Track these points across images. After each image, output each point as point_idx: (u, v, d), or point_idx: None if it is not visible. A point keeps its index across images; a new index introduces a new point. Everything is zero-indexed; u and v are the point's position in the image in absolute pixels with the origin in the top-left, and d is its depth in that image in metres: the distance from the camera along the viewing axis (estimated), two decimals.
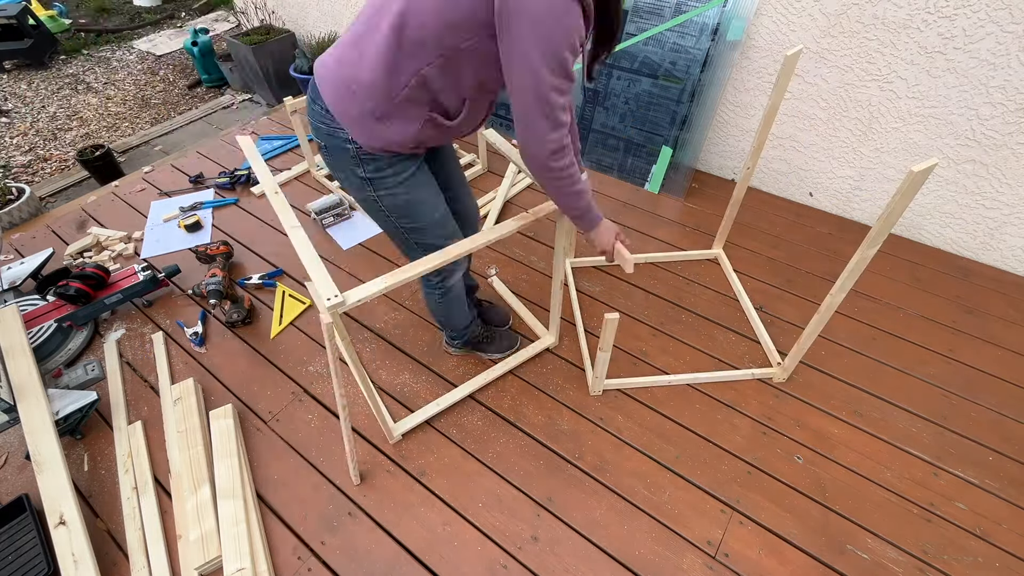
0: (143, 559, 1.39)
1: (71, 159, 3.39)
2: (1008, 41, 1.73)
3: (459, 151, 2.81)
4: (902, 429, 1.63)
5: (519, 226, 1.31)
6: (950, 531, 1.42)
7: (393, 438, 1.60)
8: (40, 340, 1.84)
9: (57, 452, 1.45)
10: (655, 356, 1.84)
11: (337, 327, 1.15)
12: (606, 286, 2.10)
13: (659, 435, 1.63)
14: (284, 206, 1.27)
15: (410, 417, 1.65)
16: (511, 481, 1.54)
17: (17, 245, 2.42)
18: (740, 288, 2.03)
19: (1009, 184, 1.97)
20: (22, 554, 1.39)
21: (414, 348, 1.90)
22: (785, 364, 1.70)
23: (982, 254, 2.17)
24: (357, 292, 1.12)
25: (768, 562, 1.37)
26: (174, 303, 2.10)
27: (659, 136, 2.46)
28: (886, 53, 1.95)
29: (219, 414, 1.66)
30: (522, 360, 1.80)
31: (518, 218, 1.33)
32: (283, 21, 3.95)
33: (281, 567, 1.39)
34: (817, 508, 1.47)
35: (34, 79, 4.32)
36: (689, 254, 2.19)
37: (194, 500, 1.46)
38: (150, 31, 5.18)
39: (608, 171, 2.67)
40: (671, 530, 1.43)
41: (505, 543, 1.41)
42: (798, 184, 2.46)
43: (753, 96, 2.33)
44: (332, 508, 1.49)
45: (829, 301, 1.42)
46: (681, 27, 2.24)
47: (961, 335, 1.90)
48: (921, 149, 2.07)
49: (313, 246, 1.17)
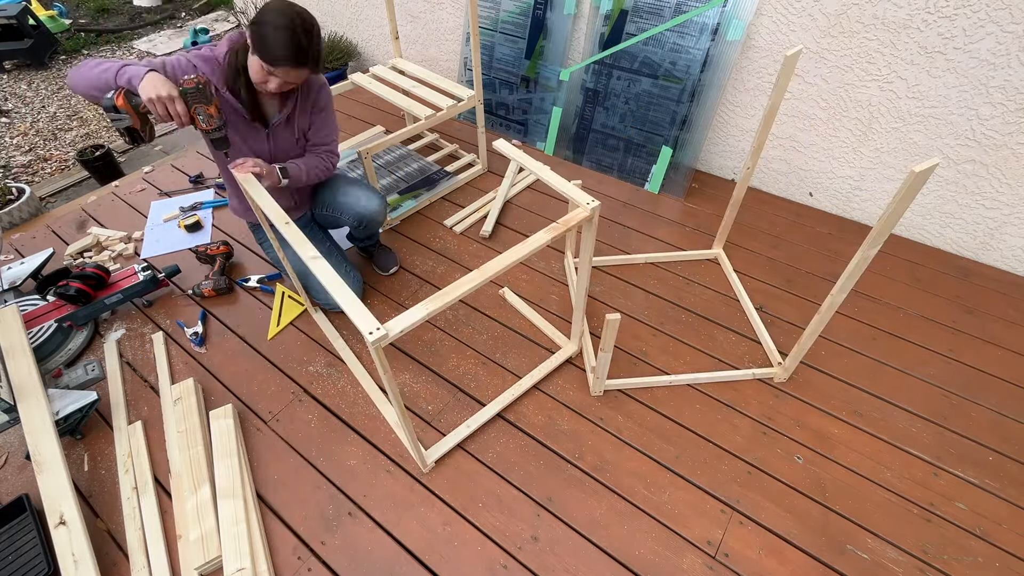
0: (143, 559, 1.39)
1: (71, 159, 3.39)
2: (1008, 41, 1.73)
3: (459, 151, 2.82)
4: (902, 429, 1.63)
5: (550, 238, 1.26)
6: (950, 531, 1.42)
7: (427, 466, 1.55)
8: (40, 340, 1.84)
9: (57, 452, 1.45)
10: (655, 356, 1.84)
11: (379, 360, 1.09)
12: (606, 286, 2.10)
13: (659, 435, 1.63)
14: (299, 237, 1.23)
15: (443, 441, 1.60)
16: (511, 481, 1.54)
17: (17, 245, 2.42)
18: (740, 288, 2.03)
19: (1009, 184, 1.97)
20: (22, 554, 1.39)
21: (415, 348, 1.90)
22: (786, 364, 1.70)
23: (982, 254, 2.17)
24: (399, 322, 1.07)
25: (768, 562, 1.37)
26: (174, 303, 2.10)
27: (659, 136, 2.46)
28: (886, 53, 1.95)
29: (219, 414, 1.66)
30: (546, 373, 1.77)
31: (549, 230, 1.27)
32: None
33: (281, 567, 1.39)
34: (817, 508, 1.47)
35: (34, 79, 4.32)
36: (689, 254, 2.20)
37: (194, 500, 1.46)
38: (150, 31, 5.18)
39: (608, 171, 2.67)
40: (671, 530, 1.43)
41: (505, 543, 1.41)
42: (798, 184, 2.46)
43: (753, 96, 2.33)
44: (332, 508, 1.49)
45: (830, 301, 1.42)
46: (681, 27, 2.24)
47: (961, 335, 1.90)
48: (921, 149, 2.07)
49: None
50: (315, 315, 1.99)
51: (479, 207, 2.48)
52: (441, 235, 2.34)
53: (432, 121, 2.27)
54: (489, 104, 2.97)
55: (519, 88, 2.83)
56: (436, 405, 1.72)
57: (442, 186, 2.57)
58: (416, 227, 2.40)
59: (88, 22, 5.34)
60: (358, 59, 3.75)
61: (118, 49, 4.83)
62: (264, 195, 1.36)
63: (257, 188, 1.39)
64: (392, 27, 2.57)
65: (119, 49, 4.83)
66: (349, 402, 1.74)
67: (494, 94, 2.93)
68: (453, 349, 1.89)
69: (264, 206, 1.33)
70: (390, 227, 2.40)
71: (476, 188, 2.60)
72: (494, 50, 2.82)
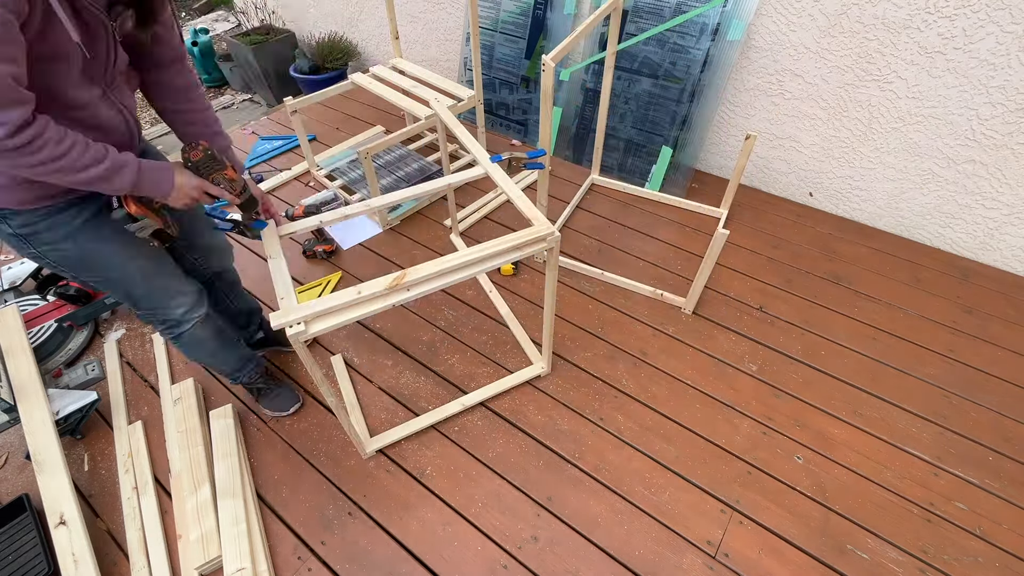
0: (143, 559, 1.39)
1: None
2: (1008, 41, 1.73)
3: (459, 151, 2.82)
4: (902, 429, 1.63)
5: (494, 266, 1.28)
6: (950, 531, 1.42)
7: (366, 453, 1.57)
8: (40, 340, 1.84)
9: (57, 452, 1.45)
10: (656, 356, 1.84)
11: (302, 355, 1.16)
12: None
13: (659, 435, 1.63)
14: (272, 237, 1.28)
15: (386, 433, 1.62)
16: (511, 481, 1.54)
17: None
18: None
19: (1009, 184, 1.96)
20: (22, 554, 1.39)
21: (415, 349, 1.90)
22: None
23: (982, 254, 2.17)
24: (321, 323, 1.13)
25: (768, 562, 1.37)
26: None
27: (659, 136, 2.46)
28: (886, 53, 1.95)
29: (219, 414, 1.66)
30: (505, 388, 1.73)
31: (496, 253, 1.26)
32: (283, 21, 3.95)
33: (281, 567, 1.39)
34: (817, 508, 1.47)
35: None
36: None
37: (194, 500, 1.46)
38: None
39: (608, 171, 2.67)
40: (671, 530, 1.43)
41: (505, 543, 1.41)
42: (798, 184, 2.46)
43: (753, 96, 2.33)
44: (332, 508, 1.49)
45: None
46: (681, 27, 2.24)
47: (961, 335, 1.90)
48: (921, 149, 2.07)
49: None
50: None
51: (479, 207, 2.48)
52: (441, 235, 2.34)
53: (432, 121, 2.27)
54: (489, 104, 2.97)
55: (519, 88, 2.83)
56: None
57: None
58: (416, 227, 2.40)
59: None
60: (358, 59, 3.75)
61: None
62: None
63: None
64: (392, 27, 2.57)
65: None
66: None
67: (494, 94, 2.93)
68: (454, 349, 1.89)
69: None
70: (390, 227, 2.40)
71: (476, 188, 2.60)
72: (494, 50, 2.82)
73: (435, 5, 3.06)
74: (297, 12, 3.85)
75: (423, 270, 1.19)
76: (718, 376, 1.78)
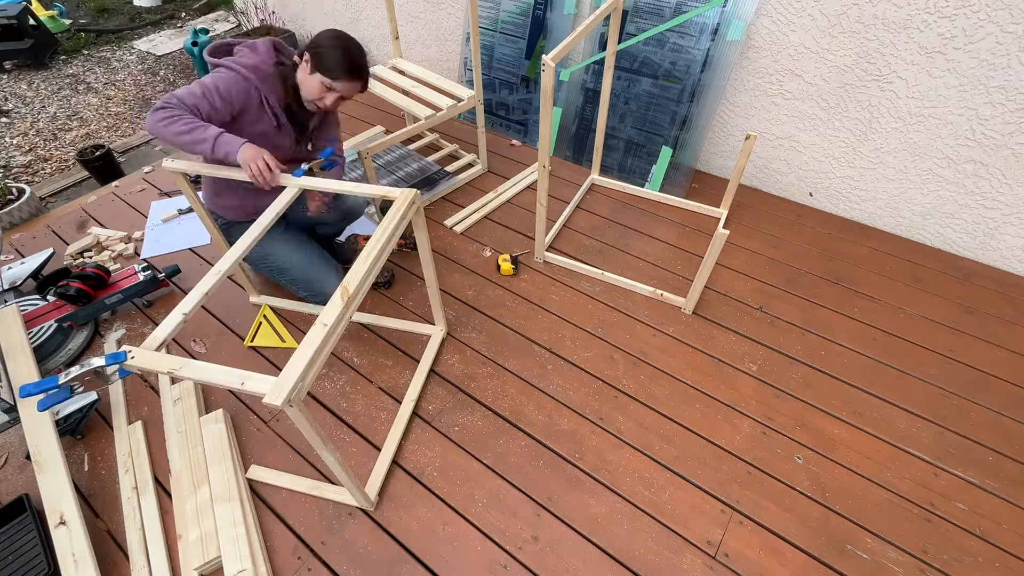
0: (143, 559, 1.39)
1: (71, 159, 3.39)
2: (1008, 41, 1.73)
3: (459, 151, 2.82)
4: (902, 429, 1.63)
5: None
6: (950, 531, 1.42)
7: (371, 502, 1.48)
8: (40, 340, 1.83)
9: (57, 452, 1.45)
10: (656, 356, 1.84)
11: (300, 421, 1.04)
12: None
13: (659, 435, 1.63)
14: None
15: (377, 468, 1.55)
16: (511, 481, 1.54)
17: (17, 245, 2.42)
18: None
19: (1009, 184, 1.97)
20: (22, 554, 1.39)
21: (415, 349, 1.90)
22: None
23: (982, 254, 2.17)
24: (311, 374, 1.03)
25: (768, 562, 1.37)
26: (174, 303, 2.08)
27: (659, 136, 2.46)
28: (886, 53, 1.95)
29: (210, 419, 1.64)
30: (432, 356, 1.83)
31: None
32: (283, 21, 3.95)
33: (281, 567, 1.39)
34: (817, 508, 1.47)
35: (34, 79, 4.32)
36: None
37: (194, 500, 1.46)
38: (150, 31, 5.17)
39: (608, 171, 2.67)
40: (671, 530, 1.43)
41: (505, 543, 1.41)
42: (798, 184, 2.46)
43: (753, 96, 2.33)
44: (332, 508, 1.49)
45: None
46: (681, 27, 2.24)
47: (961, 335, 1.90)
48: (921, 149, 2.07)
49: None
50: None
51: (479, 207, 2.48)
52: (442, 235, 2.35)
53: (432, 121, 2.27)
54: (489, 104, 2.97)
55: (519, 88, 2.83)
56: (436, 405, 1.72)
57: (442, 186, 2.57)
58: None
59: (88, 22, 5.34)
60: None
61: (118, 49, 4.83)
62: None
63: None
64: (392, 27, 2.57)
65: (119, 49, 4.83)
66: (350, 401, 1.74)
67: (494, 94, 2.93)
68: (455, 349, 1.89)
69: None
70: None
71: (476, 188, 2.60)
72: (494, 50, 2.82)
73: (435, 5, 3.06)
74: (297, 12, 3.85)
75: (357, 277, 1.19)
76: (718, 376, 1.78)
